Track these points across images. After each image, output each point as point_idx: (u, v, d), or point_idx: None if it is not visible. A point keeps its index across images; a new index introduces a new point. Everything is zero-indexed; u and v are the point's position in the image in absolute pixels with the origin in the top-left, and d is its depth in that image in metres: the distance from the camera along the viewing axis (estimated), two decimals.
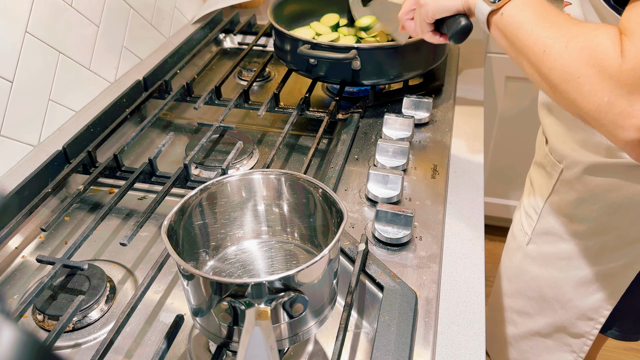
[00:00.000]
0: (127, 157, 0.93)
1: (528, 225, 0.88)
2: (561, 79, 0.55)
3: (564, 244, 0.82)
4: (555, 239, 0.83)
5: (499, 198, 1.87)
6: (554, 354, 0.93)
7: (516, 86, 1.62)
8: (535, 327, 0.93)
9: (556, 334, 0.91)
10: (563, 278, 0.84)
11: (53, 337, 0.56)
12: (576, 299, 0.84)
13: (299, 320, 0.50)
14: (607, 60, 0.51)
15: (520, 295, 0.93)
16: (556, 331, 0.90)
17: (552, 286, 0.86)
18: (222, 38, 1.33)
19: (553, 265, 0.85)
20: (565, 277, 0.84)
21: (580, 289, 0.83)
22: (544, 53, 0.56)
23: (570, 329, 0.88)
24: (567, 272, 0.83)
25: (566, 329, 0.89)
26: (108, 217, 0.79)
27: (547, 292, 0.87)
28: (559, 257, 0.84)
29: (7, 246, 0.74)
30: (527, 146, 1.70)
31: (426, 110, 0.93)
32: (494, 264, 1.85)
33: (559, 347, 0.91)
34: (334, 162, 0.82)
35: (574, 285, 0.83)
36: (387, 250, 0.68)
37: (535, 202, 0.86)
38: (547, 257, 0.85)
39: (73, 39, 0.97)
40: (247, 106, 1.00)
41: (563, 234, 0.82)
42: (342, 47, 0.91)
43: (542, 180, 0.85)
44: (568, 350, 0.91)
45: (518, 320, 0.95)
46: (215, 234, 0.61)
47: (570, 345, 0.90)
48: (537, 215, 0.85)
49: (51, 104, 0.93)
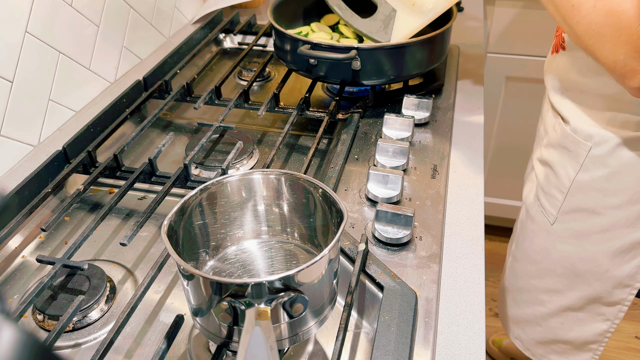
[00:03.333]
0: (127, 157, 0.93)
1: (552, 206, 0.90)
2: (585, 34, 0.63)
3: (597, 218, 0.84)
4: (587, 215, 0.85)
5: (499, 198, 1.87)
6: (587, 325, 0.95)
7: (516, 86, 1.62)
8: (566, 303, 0.94)
9: (589, 305, 0.93)
10: (598, 251, 0.86)
11: (53, 337, 0.56)
12: (613, 269, 0.87)
13: (299, 320, 0.50)
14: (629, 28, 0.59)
15: (548, 274, 0.95)
16: (589, 303, 0.92)
17: (586, 260, 0.88)
18: (222, 38, 1.33)
19: (586, 240, 0.87)
20: (600, 249, 0.86)
21: (616, 259, 0.86)
22: (572, 7, 0.64)
23: (606, 299, 0.91)
24: (603, 244, 0.85)
25: (601, 299, 0.91)
26: (108, 217, 0.79)
27: (580, 267, 0.89)
28: (592, 231, 0.86)
29: (7, 246, 0.74)
30: (527, 146, 1.70)
31: (426, 110, 0.93)
32: (494, 263, 1.85)
33: (592, 317, 0.94)
34: (334, 162, 0.82)
35: (611, 256, 0.86)
36: (387, 250, 0.68)
37: (559, 182, 0.88)
38: (579, 232, 0.88)
39: (73, 39, 0.97)
40: (247, 106, 1.00)
41: (596, 208, 0.84)
42: (342, 47, 0.91)
43: (564, 160, 0.86)
44: (602, 319, 0.93)
45: (546, 299, 0.97)
46: (215, 234, 0.61)
47: (604, 314, 0.92)
48: (563, 195, 0.87)
49: (51, 104, 0.93)
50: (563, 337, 0.98)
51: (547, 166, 0.91)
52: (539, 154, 0.95)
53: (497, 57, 1.58)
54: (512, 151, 1.75)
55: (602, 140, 0.79)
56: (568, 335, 0.97)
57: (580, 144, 0.82)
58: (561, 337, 0.98)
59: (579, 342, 0.97)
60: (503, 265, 1.15)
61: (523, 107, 1.65)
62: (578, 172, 0.84)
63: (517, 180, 1.79)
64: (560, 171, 0.87)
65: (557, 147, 0.87)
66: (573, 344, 0.98)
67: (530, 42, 1.53)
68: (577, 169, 0.83)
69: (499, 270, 1.85)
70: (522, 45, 1.54)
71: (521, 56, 1.56)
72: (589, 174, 0.83)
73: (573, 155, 0.84)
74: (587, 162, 0.82)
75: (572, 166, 0.84)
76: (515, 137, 1.72)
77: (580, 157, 0.83)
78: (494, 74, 1.61)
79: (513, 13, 1.51)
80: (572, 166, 0.84)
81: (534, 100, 1.62)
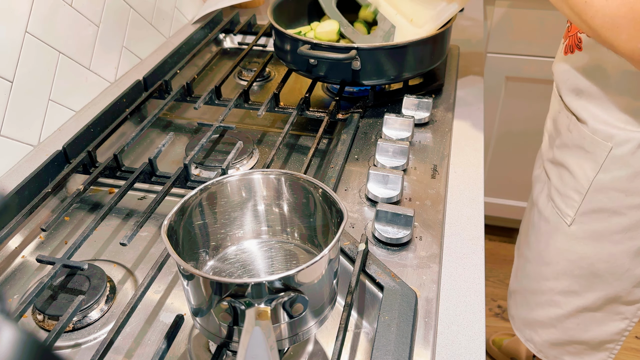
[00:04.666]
0: (127, 157, 0.93)
1: (569, 207, 0.90)
2: (601, 27, 0.65)
3: (618, 218, 0.84)
4: (608, 215, 0.85)
5: (499, 198, 1.87)
6: (604, 325, 0.95)
7: (516, 86, 1.62)
8: (583, 304, 0.94)
9: (608, 305, 0.93)
10: (619, 250, 0.87)
11: (53, 337, 0.56)
12: (634, 268, 0.87)
13: (299, 320, 0.50)
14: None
15: (565, 276, 0.94)
16: (608, 303, 0.92)
17: (605, 260, 0.88)
18: (222, 38, 1.33)
19: (607, 240, 0.87)
20: (621, 249, 0.86)
21: (638, 257, 0.86)
22: (585, 4, 0.66)
23: (625, 298, 0.91)
24: (624, 243, 0.86)
25: (620, 299, 0.91)
26: (108, 217, 0.79)
27: (599, 267, 0.89)
28: (613, 231, 0.86)
29: (7, 246, 0.74)
30: (527, 146, 1.70)
31: (426, 110, 0.93)
32: (494, 263, 1.85)
33: (609, 317, 0.94)
34: (334, 162, 0.82)
35: (632, 255, 0.86)
36: (387, 250, 0.68)
37: (576, 184, 0.87)
38: (598, 233, 0.87)
39: (73, 39, 0.97)
40: (247, 106, 1.00)
41: (618, 208, 0.84)
42: (342, 47, 0.91)
43: (581, 161, 0.86)
44: (620, 318, 0.93)
45: (562, 301, 0.97)
46: (215, 234, 0.61)
47: (622, 313, 0.93)
48: (581, 196, 0.87)
49: (51, 104, 0.93)
50: (579, 337, 0.98)
51: (561, 167, 0.91)
52: (550, 155, 0.94)
53: (497, 57, 1.58)
54: (512, 151, 1.75)
55: (624, 141, 0.79)
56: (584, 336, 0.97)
57: (600, 144, 0.81)
58: (577, 338, 0.98)
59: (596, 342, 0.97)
60: (503, 266, 1.15)
61: (523, 107, 1.65)
62: (598, 172, 0.83)
63: (517, 180, 1.80)
64: (577, 172, 0.87)
65: (573, 147, 0.87)
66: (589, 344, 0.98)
67: (530, 42, 1.53)
68: (597, 169, 0.83)
69: (499, 270, 1.86)
70: (522, 45, 1.54)
71: (521, 56, 1.56)
72: (610, 175, 0.82)
73: (591, 156, 0.83)
74: (608, 163, 0.82)
75: (590, 167, 0.84)
76: (515, 137, 1.72)
77: (600, 157, 0.82)
78: (494, 74, 1.61)
79: (513, 13, 1.51)
80: (591, 167, 0.84)
81: (534, 100, 1.62)
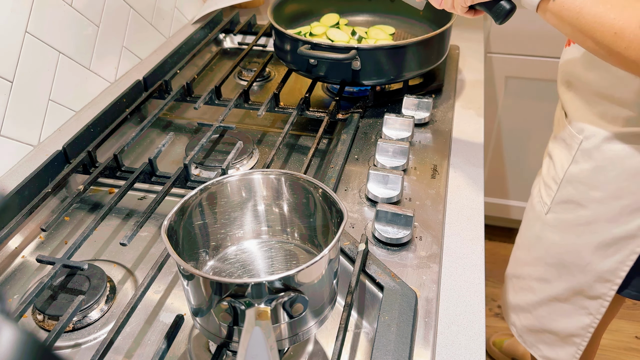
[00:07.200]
0: (127, 157, 0.93)
1: (547, 196, 0.92)
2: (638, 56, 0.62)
3: (583, 211, 0.86)
4: (574, 207, 0.87)
5: (499, 198, 1.87)
6: (571, 317, 0.97)
7: (516, 86, 1.62)
8: (553, 293, 0.96)
9: (573, 297, 0.94)
10: (582, 243, 0.88)
11: (53, 337, 0.56)
12: (594, 262, 0.88)
13: (299, 320, 0.50)
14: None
15: (540, 263, 0.97)
16: (574, 295, 0.94)
17: (570, 251, 0.90)
18: (222, 38, 1.33)
19: (572, 232, 0.89)
20: (584, 242, 0.88)
21: (598, 252, 0.87)
22: (615, 35, 0.62)
23: (588, 292, 0.92)
24: (586, 237, 0.87)
25: (583, 292, 0.93)
26: (108, 217, 0.79)
27: (566, 258, 0.91)
28: (578, 223, 0.88)
29: (7, 246, 0.74)
30: (527, 146, 1.70)
31: (426, 110, 0.93)
32: (494, 264, 1.85)
33: (576, 310, 0.95)
34: (334, 162, 0.82)
35: (593, 249, 0.87)
36: (387, 250, 0.68)
37: (555, 174, 0.90)
38: (567, 224, 0.89)
39: (73, 39, 0.97)
40: (247, 106, 1.00)
41: (582, 201, 0.86)
42: (342, 47, 0.91)
43: (561, 152, 0.89)
44: (585, 313, 0.95)
45: (537, 287, 0.99)
46: (215, 234, 0.61)
47: (587, 307, 0.94)
48: (556, 186, 0.89)
49: (51, 104, 0.93)
50: (549, 326, 1.00)
51: (549, 158, 0.94)
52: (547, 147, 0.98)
53: (497, 57, 1.58)
54: (512, 151, 1.75)
55: (592, 135, 0.81)
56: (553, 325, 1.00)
57: (574, 137, 0.84)
58: (547, 327, 1.01)
59: (564, 334, 0.99)
60: (503, 266, 1.16)
61: (523, 107, 1.65)
62: (570, 164, 0.86)
63: (517, 180, 1.80)
64: (557, 162, 0.90)
65: (558, 139, 0.90)
66: (559, 335, 1.00)
67: (530, 42, 1.53)
68: (570, 160, 0.86)
69: (499, 270, 1.85)
70: (522, 45, 1.54)
71: (521, 56, 1.56)
72: (578, 167, 0.85)
73: (567, 148, 0.87)
74: (578, 155, 0.84)
75: (566, 158, 0.87)
76: (515, 137, 1.72)
77: (573, 149, 0.85)
78: (494, 74, 1.61)
79: None
80: (567, 158, 0.87)
81: (534, 100, 1.62)
